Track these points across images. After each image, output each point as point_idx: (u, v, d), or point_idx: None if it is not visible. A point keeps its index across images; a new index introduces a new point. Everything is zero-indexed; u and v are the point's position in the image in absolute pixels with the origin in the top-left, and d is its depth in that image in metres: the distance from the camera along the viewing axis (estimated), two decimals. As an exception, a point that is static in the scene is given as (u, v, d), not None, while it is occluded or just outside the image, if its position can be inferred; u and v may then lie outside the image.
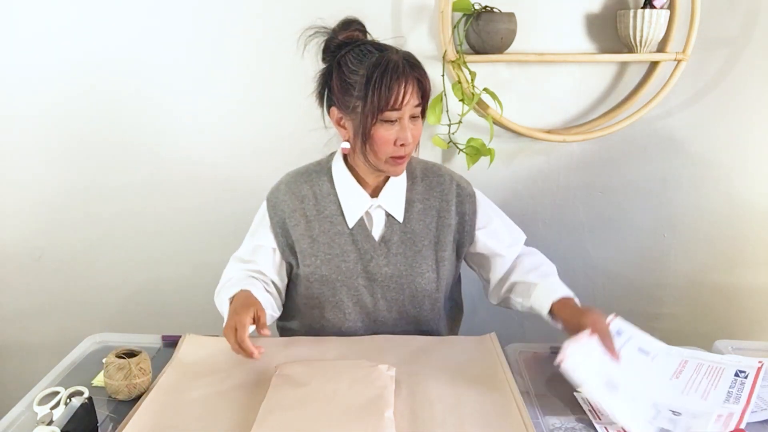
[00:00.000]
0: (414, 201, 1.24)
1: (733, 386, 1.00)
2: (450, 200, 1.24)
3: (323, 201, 1.22)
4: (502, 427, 0.92)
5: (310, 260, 1.21)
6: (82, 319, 1.85)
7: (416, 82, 1.10)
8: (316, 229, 1.21)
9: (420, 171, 1.27)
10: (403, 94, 1.08)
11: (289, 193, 1.23)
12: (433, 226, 1.24)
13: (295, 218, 1.21)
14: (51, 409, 0.98)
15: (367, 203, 1.21)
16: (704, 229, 1.77)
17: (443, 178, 1.26)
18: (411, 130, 1.11)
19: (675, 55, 1.56)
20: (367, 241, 1.21)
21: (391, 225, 1.22)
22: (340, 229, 1.21)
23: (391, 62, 1.09)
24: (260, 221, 1.25)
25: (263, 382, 1.02)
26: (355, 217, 1.21)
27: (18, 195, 1.74)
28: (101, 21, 1.59)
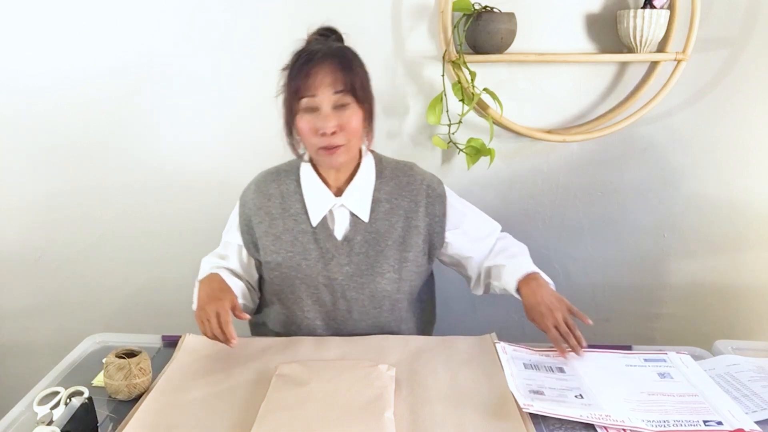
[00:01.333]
0: (381, 200, 1.23)
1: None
2: (419, 201, 1.24)
3: (289, 200, 1.23)
4: (501, 427, 0.92)
5: (272, 257, 1.23)
6: (82, 319, 1.85)
7: (335, 69, 1.09)
8: (280, 227, 1.23)
9: (390, 170, 1.27)
10: (313, 79, 1.08)
11: (257, 192, 1.25)
12: (400, 226, 1.23)
13: (259, 216, 1.23)
14: (51, 409, 0.98)
15: (330, 202, 1.21)
16: (704, 229, 1.77)
17: (413, 178, 1.26)
18: (338, 119, 1.10)
19: (675, 55, 1.56)
20: (328, 240, 1.22)
21: (355, 224, 1.22)
22: (303, 228, 1.22)
23: (307, 51, 1.11)
24: (232, 219, 1.30)
25: (263, 382, 1.02)
26: (318, 216, 1.21)
27: (18, 195, 1.74)
28: (99, 25, 1.59)
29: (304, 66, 1.09)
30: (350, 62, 1.12)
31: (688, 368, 1.09)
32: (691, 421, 0.93)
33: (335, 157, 1.15)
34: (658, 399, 0.99)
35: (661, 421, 0.93)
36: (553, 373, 1.07)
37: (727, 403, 0.97)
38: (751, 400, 0.99)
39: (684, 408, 0.97)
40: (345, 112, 1.11)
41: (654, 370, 1.09)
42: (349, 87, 1.10)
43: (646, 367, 1.10)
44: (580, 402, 0.97)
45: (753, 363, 1.11)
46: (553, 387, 1.02)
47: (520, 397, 0.97)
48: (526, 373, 1.06)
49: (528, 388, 1.01)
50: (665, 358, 1.13)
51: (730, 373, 1.08)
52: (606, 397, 0.99)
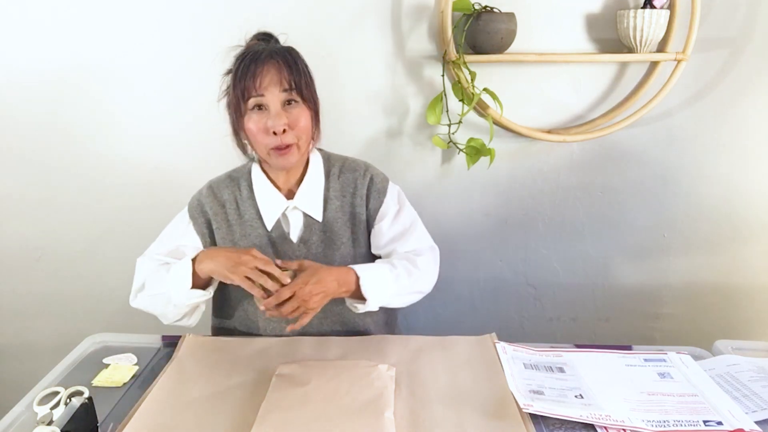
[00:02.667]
0: (331, 198, 1.23)
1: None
2: (362, 194, 1.24)
3: (243, 205, 1.23)
4: (501, 427, 0.92)
5: None
6: (82, 319, 1.85)
7: (278, 67, 1.09)
8: (237, 233, 1.22)
9: (338, 168, 1.26)
10: (260, 78, 1.08)
11: (212, 197, 1.24)
12: (349, 222, 1.24)
13: (217, 221, 1.23)
14: (51, 409, 0.98)
15: (283, 205, 1.21)
16: (704, 229, 1.77)
17: (358, 173, 1.26)
18: (287, 118, 1.10)
19: (675, 55, 1.56)
20: (285, 243, 1.22)
21: (309, 225, 1.22)
22: (260, 233, 1.22)
23: (251, 52, 1.10)
24: (181, 224, 1.25)
25: (263, 382, 1.02)
26: (273, 220, 1.21)
27: (18, 195, 1.74)
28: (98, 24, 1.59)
29: (250, 66, 1.09)
30: (295, 61, 1.12)
31: (688, 368, 1.09)
32: (691, 421, 0.93)
33: (288, 158, 1.14)
34: (658, 399, 0.99)
35: (661, 421, 0.93)
36: (553, 373, 1.07)
37: (727, 403, 0.97)
38: (751, 400, 0.99)
39: (684, 408, 0.97)
40: (293, 110, 1.11)
41: (654, 370, 1.09)
42: (296, 85, 1.10)
43: (646, 367, 1.10)
44: (580, 402, 0.97)
45: (753, 363, 1.11)
46: (553, 387, 1.02)
47: (520, 397, 0.97)
48: (526, 373, 1.07)
49: (528, 388, 1.01)
50: (665, 358, 1.13)
51: (730, 373, 1.08)
52: (606, 397, 0.99)
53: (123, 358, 1.15)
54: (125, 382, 1.07)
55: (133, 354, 1.16)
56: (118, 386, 1.06)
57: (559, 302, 1.85)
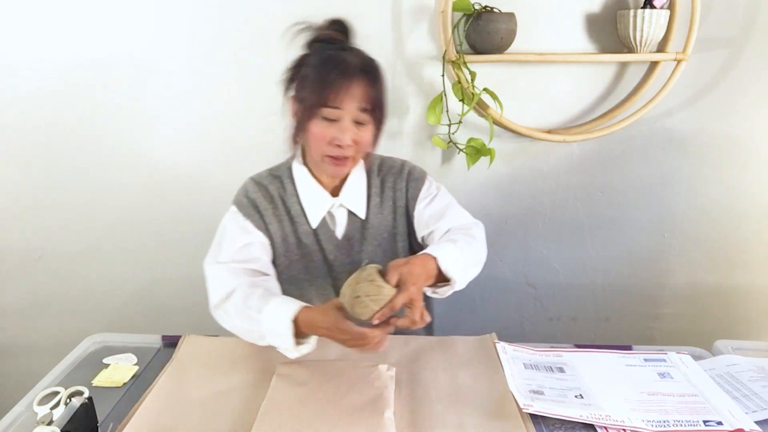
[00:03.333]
0: (372, 195, 1.24)
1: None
2: (402, 188, 1.25)
3: (288, 201, 1.22)
4: (501, 427, 0.92)
5: (281, 260, 1.22)
6: (82, 319, 1.85)
7: (364, 86, 1.07)
8: (286, 229, 1.22)
9: (377, 165, 1.27)
10: (344, 92, 1.06)
11: (260, 192, 1.22)
12: (391, 218, 1.25)
13: (268, 216, 1.21)
14: (51, 409, 0.98)
15: (328, 203, 1.21)
16: (704, 229, 1.77)
17: (395, 168, 1.27)
18: (354, 134, 1.09)
19: (675, 55, 1.56)
20: (330, 241, 1.22)
21: (353, 223, 1.23)
22: (305, 230, 1.22)
23: (341, 60, 1.07)
24: (237, 223, 1.20)
25: (263, 382, 1.02)
26: (318, 218, 1.21)
27: (18, 195, 1.74)
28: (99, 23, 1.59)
29: (337, 78, 1.06)
30: (379, 80, 1.10)
31: (688, 368, 1.09)
32: (691, 421, 0.93)
33: (341, 168, 1.14)
34: (658, 399, 0.99)
35: (661, 421, 0.93)
36: (553, 373, 1.07)
37: (727, 403, 0.97)
38: (751, 400, 0.99)
39: (684, 408, 0.97)
40: (364, 129, 1.10)
41: (654, 370, 1.09)
42: (373, 106, 1.09)
43: (646, 367, 1.10)
44: (580, 402, 0.97)
45: (753, 363, 1.11)
46: (553, 387, 1.02)
47: (520, 397, 0.97)
48: (526, 373, 1.06)
49: (528, 388, 1.01)
50: (665, 358, 1.13)
51: (730, 373, 1.08)
52: (606, 397, 0.99)
53: (123, 358, 1.15)
54: (125, 382, 1.07)
55: (133, 354, 1.16)
56: (118, 386, 1.06)
57: (559, 302, 1.85)
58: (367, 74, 1.08)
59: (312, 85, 1.08)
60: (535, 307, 1.86)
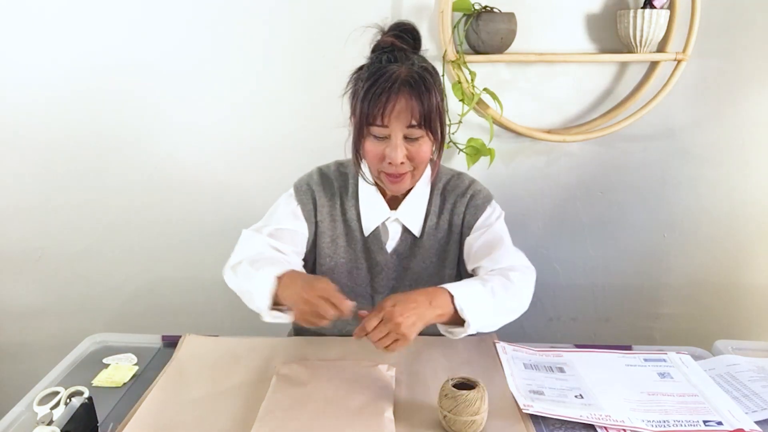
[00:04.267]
0: (430, 214, 1.20)
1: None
2: (460, 212, 1.19)
3: (347, 203, 1.19)
4: (501, 427, 0.92)
5: (325, 260, 1.20)
6: (82, 319, 1.85)
7: (411, 101, 1.01)
8: (338, 229, 1.19)
9: (443, 183, 1.22)
10: (389, 110, 1.01)
11: (322, 186, 1.19)
12: (444, 241, 1.20)
13: (322, 213, 1.19)
14: (51, 409, 0.98)
15: (385, 215, 1.18)
16: (704, 229, 1.77)
17: (459, 188, 1.20)
18: (408, 150, 1.05)
19: (675, 55, 1.56)
20: (379, 253, 1.19)
21: (406, 239, 1.20)
22: (356, 236, 1.19)
23: (386, 75, 1.01)
24: (289, 206, 1.18)
25: (263, 382, 1.02)
26: (371, 227, 1.18)
27: (18, 195, 1.74)
28: (100, 22, 1.59)
29: (380, 94, 1.00)
30: (429, 93, 1.02)
31: (688, 368, 1.09)
32: (691, 421, 0.93)
33: (399, 185, 1.10)
34: (658, 399, 0.99)
35: (661, 421, 0.93)
36: (553, 373, 1.07)
37: (727, 403, 0.97)
38: (751, 400, 0.99)
39: (684, 408, 0.97)
40: (415, 143, 1.05)
41: (654, 370, 1.09)
42: (423, 121, 1.02)
43: (646, 367, 1.10)
44: (580, 402, 0.97)
45: (753, 363, 1.11)
46: (553, 387, 1.02)
47: (520, 397, 0.97)
48: (526, 373, 1.06)
49: (528, 388, 1.01)
50: (665, 358, 1.13)
51: (730, 373, 1.08)
52: (606, 397, 0.99)
53: (123, 358, 1.15)
54: (125, 382, 1.07)
55: (133, 354, 1.16)
56: (118, 386, 1.05)
57: (559, 302, 1.85)
58: (412, 88, 1.01)
59: (359, 102, 1.03)
60: (535, 307, 1.85)
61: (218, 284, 1.19)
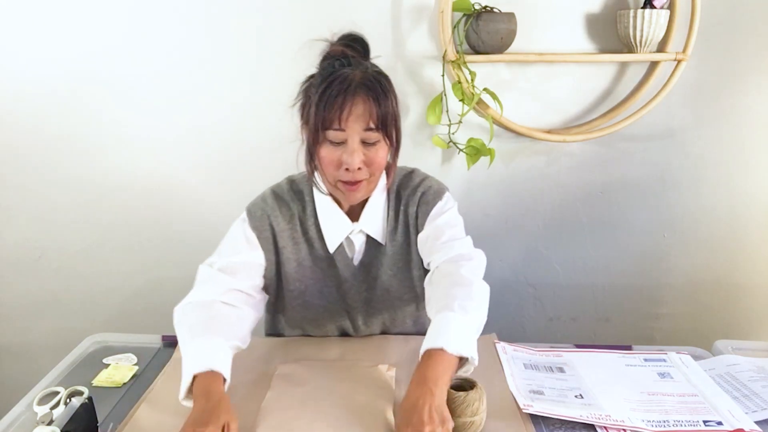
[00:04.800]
0: (389, 219, 1.17)
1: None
2: (413, 213, 1.16)
3: (306, 223, 1.15)
4: (501, 427, 0.92)
5: (295, 285, 1.17)
6: (82, 319, 1.85)
7: (368, 103, 0.99)
8: (302, 251, 1.16)
9: (397, 185, 1.19)
10: (346, 113, 0.98)
11: (278, 210, 1.14)
12: (405, 244, 1.17)
13: (284, 239, 1.14)
14: (51, 409, 0.98)
15: (347, 228, 1.14)
16: (704, 229, 1.77)
17: (410, 189, 1.17)
18: (364, 155, 1.02)
19: (675, 55, 1.56)
20: (347, 269, 1.16)
21: (371, 248, 1.17)
22: (321, 254, 1.16)
23: (341, 78, 0.99)
24: (244, 233, 1.13)
25: (263, 382, 1.02)
26: (336, 243, 1.14)
27: (18, 195, 1.74)
28: (97, 23, 1.59)
29: (336, 96, 0.98)
30: (385, 95, 1.01)
31: (688, 368, 1.09)
32: (691, 421, 0.93)
33: (355, 193, 1.07)
34: (658, 399, 0.99)
35: (661, 421, 0.93)
36: (553, 373, 1.07)
37: (727, 403, 0.98)
38: (751, 400, 0.99)
39: (684, 408, 0.97)
40: (372, 147, 1.02)
41: (654, 370, 1.09)
42: (380, 124, 1.01)
43: (646, 367, 1.10)
44: (580, 402, 0.97)
45: (753, 363, 1.11)
46: (553, 387, 1.02)
47: (520, 397, 0.97)
48: (526, 373, 1.07)
49: (528, 388, 1.01)
50: (665, 358, 1.13)
51: (730, 373, 1.08)
52: (606, 397, 0.99)
53: (123, 358, 1.15)
54: (125, 382, 1.07)
55: (133, 354, 1.16)
56: (118, 386, 1.06)
57: (559, 302, 1.85)
58: (369, 90, 1.00)
59: (314, 107, 1.01)
60: (535, 307, 1.86)
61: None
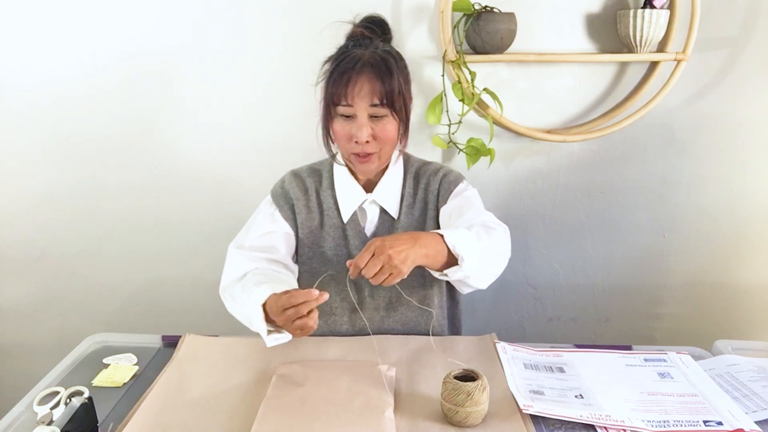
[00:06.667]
0: (405, 196, 1.25)
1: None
2: (434, 190, 1.24)
3: (323, 194, 1.24)
4: (501, 427, 0.92)
5: (304, 251, 1.24)
6: (82, 319, 1.85)
7: (373, 80, 1.07)
8: (315, 220, 1.24)
9: (415, 168, 1.28)
10: (351, 89, 1.07)
11: (295, 184, 1.25)
12: (421, 220, 1.24)
13: (299, 207, 1.23)
14: (51, 409, 0.98)
15: (361, 197, 1.22)
16: (704, 229, 1.77)
17: (430, 170, 1.26)
18: (372, 129, 1.10)
19: (675, 55, 1.56)
20: (357, 237, 1.23)
21: (384, 221, 1.24)
22: (335, 223, 1.23)
23: (349, 57, 1.09)
24: (268, 210, 1.23)
25: (263, 382, 1.02)
26: (349, 212, 1.22)
27: (18, 195, 1.74)
28: (103, 20, 1.60)
29: (343, 74, 1.08)
30: (391, 72, 1.09)
31: (688, 368, 1.09)
32: (691, 421, 0.93)
33: (367, 165, 1.16)
34: (658, 399, 0.99)
35: (661, 421, 0.93)
36: (553, 373, 1.07)
37: (727, 403, 0.98)
38: (751, 400, 0.99)
39: (684, 408, 0.97)
40: (380, 121, 1.11)
41: (654, 370, 1.09)
42: (386, 100, 1.09)
43: (646, 367, 1.10)
44: (580, 402, 0.97)
45: (753, 363, 1.11)
46: (553, 387, 1.02)
47: (520, 397, 0.97)
48: (526, 373, 1.07)
49: (528, 388, 1.01)
50: (665, 358, 1.13)
51: (730, 373, 1.08)
52: (606, 397, 0.99)
53: (123, 358, 1.15)
54: (125, 382, 1.07)
55: (133, 354, 1.16)
56: (118, 386, 1.06)
57: (559, 302, 1.85)
58: (375, 68, 1.08)
59: (325, 84, 1.11)
60: (535, 307, 1.86)
61: (218, 284, 1.20)
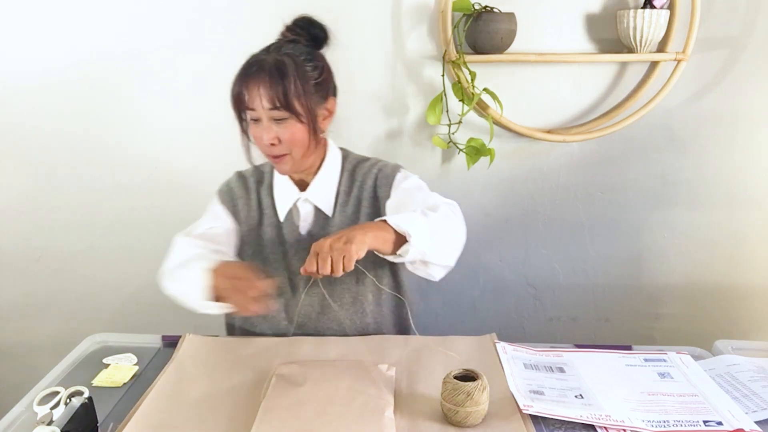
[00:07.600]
0: (340, 194, 1.25)
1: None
2: (368, 186, 1.24)
3: (263, 193, 1.27)
4: (501, 427, 0.92)
5: (245, 248, 1.26)
6: (82, 319, 1.85)
7: (267, 85, 1.08)
8: (255, 218, 1.26)
9: (352, 165, 1.27)
10: (249, 94, 1.09)
11: (239, 183, 1.28)
12: (354, 217, 1.24)
13: (241, 205, 1.26)
14: (51, 409, 0.98)
15: (294, 196, 1.24)
16: (704, 229, 1.77)
17: (366, 167, 1.26)
18: (277, 132, 1.11)
19: (675, 55, 1.56)
20: (292, 235, 1.24)
21: (318, 219, 1.24)
22: (272, 221, 1.25)
23: (250, 63, 1.11)
24: (214, 208, 1.27)
25: (263, 382, 1.02)
26: (284, 210, 1.24)
27: (18, 195, 1.74)
28: (97, 22, 1.59)
29: (241, 79, 1.10)
30: (284, 76, 1.08)
31: (688, 368, 1.09)
32: (691, 421, 0.93)
33: (281, 166, 1.17)
34: (658, 399, 0.99)
35: (661, 421, 0.93)
36: (553, 373, 1.07)
37: (727, 403, 0.98)
38: (751, 400, 0.99)
39: (684, 408, 0.97)
40: (283, 124, 1.11)
41: (654, 370, 1.09)
42: (282, 103, 1.08)
43: (646, 367, 1.10)
44: (580, 402, 0.97)
45: (753, 363, 1.11)
46: (553, 387, 1.02)
47: (520, 397, 0.97)
48: (526, 373, 1.07)
49: (528, 388, 1.01)
50: (665, 358, 1.13)
51: (730, 373, 1.08)
52: (606, 397, 0.99)
53: (123, 358, 1.15)
54: (125, 382, 1.07)
55: (133, 354, 1.16)
56: (118, 386, 1.06)
57: (559, 302, 1.85)
58: (268, 73, 1.08)
59: (231, 89, 1.12)
60: (535, 307, 1.86)
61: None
